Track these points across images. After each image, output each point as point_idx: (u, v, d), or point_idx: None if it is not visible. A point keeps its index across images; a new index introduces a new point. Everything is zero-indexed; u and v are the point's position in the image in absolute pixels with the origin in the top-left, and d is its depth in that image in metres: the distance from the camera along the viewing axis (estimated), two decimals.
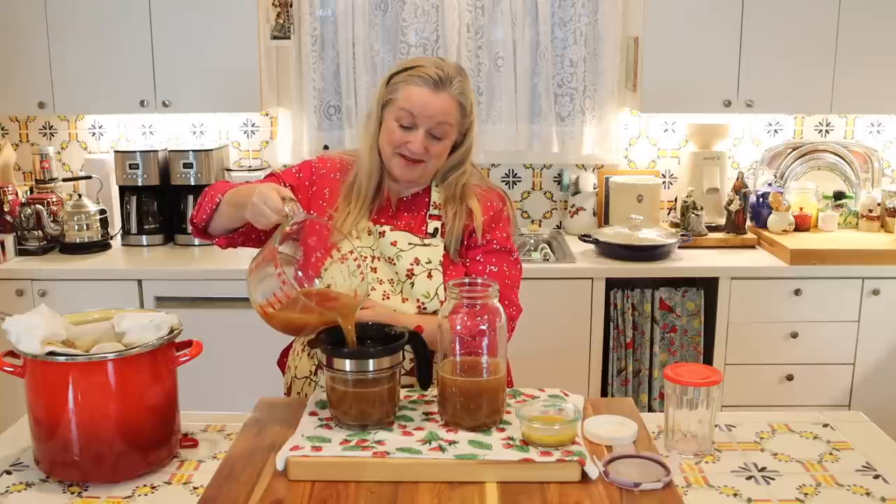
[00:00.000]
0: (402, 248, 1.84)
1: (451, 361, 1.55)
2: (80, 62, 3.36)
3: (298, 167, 1.96)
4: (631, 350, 3.27)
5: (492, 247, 1.89)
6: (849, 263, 3.16)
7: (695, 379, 1.54)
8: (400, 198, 1.92)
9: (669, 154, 3.76)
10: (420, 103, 1.77)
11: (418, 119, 1.78)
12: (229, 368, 3.04)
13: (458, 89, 1.81)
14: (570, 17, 3.57)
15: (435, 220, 1.88)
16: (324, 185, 1.93)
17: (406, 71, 1.81)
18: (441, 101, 1.78)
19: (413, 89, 1.78)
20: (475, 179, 1.94)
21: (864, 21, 3.26)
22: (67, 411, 1.44)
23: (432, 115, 1.78)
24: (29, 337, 1.44)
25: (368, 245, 1.85)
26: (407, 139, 1.79)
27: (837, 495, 1.44)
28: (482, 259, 1.88)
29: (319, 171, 1.94)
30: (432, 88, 1.78)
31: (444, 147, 1.83)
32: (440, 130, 1.80)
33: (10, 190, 3.47)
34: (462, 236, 1.88)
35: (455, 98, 1.80)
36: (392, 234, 1.85)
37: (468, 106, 1.83)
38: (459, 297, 1.55)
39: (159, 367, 1.52)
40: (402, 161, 1.82)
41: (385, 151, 1.84)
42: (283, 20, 3.54)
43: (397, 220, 1.89)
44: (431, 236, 1.87)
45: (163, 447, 1.54)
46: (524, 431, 1.49)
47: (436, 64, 1.81)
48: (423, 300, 1.82)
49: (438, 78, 1.78)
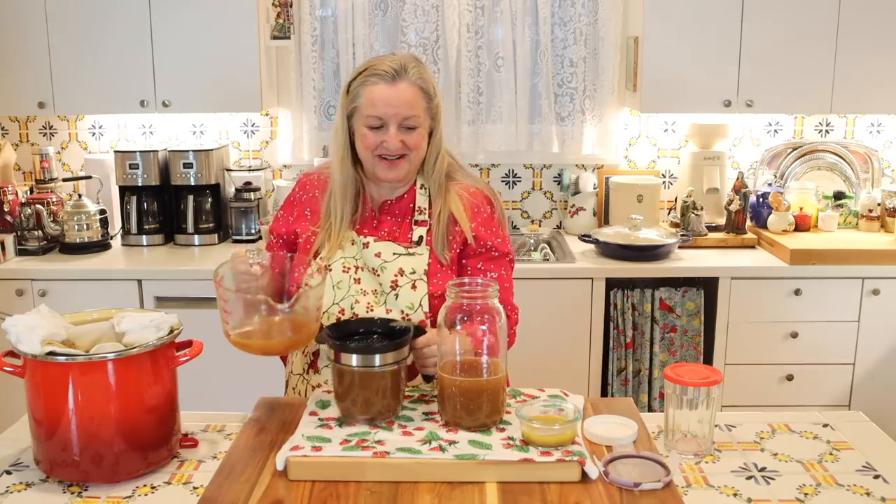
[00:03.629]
0: (387, 259, 1.82)
1: (451, 361, 1.55)
2: (80, 62, 3.36)
3: (282, 206, 1.98)
4: (631, 350, 3.27)
5: (491, 254, 1.88)
6: (849, 263, 3.16)
7: (695, 379, 1.54)
8: (384, 202, 1.90)
9: (669, 154, 3.76)
10: (383, 101, 1.77)
11: (385, 117, 1.78)
12: (229, 368, 3.04)
13: (416, 75, 1.79)
14: (570, 17, 3.57)
15: (420, 227, 1.87)
16: (305, 206, 1.93)
17: (361, 75, 1.81)
18: (401, 91, 1.77)
19: (372, 89, 1.77)
20: (459, 175, 1.92)
21: (865, 21, 3.26)
22: (67, 411, 1.44)
23: (397, 108, 1.77)
24: (29, 337, 1.44)
25: (352, 255, 1.84)
26: (381, 139, 1.79)
27: (837, 495, 1.44)
28: (482, 267, 1.87)
29: (299, 196, 1.95)
30: (390, 82, 1.77)
31: (420, 136, 1.82)
32: (411, 121, 1.79)
33: (10, 190, 3.47)
34: (452, 242, 1.86)
35: (415, 84, 1.79)
36: (376, 246, 1.83)
37: (430, 90, 1.82)
38: (459, 298, 1.55)
39: (159, 367, 1.52)
40: (384, 163, 1.81)
41: (366, 159, 1.83)
42: (283, 20, 3.54)
43: (381, 228, 1.88)
44: (416, 244, 1.85)
45: (163, 447, 1.53)
46: (524, 431, 1.49)
47: (388, 59, 1.80)
48: (406, 311, 1.80)
49: (394, 71, 1.77)
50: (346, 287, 1.82)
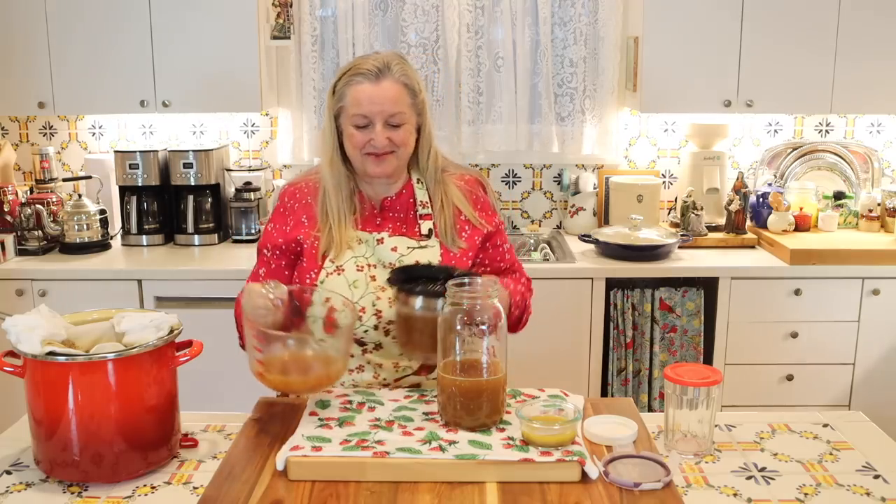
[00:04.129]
0: (403, 253, 1.84)
1: (452, 361, 1.55)
2: (80, 62, 3.36)
3: (270, 219, 1.97)
4: (631, 350, 3.27)
5: (501, 228, 1.97)
6: (849, 263, 3.16)
7: (695, 379, 1.54)
8: (383, 199, 1.91)
9: (669, 154, 3.76)
10: (367, 99, 1.78)
11: (371, 115, 1.79)
12: (229, 368, 3.03)
13: (399, 72, 1.81)
14: (570, 17, 3.57)
15: (426, 220, 1.88)
16: (299, 214, 1.91)
17: (345, 75, 1.82)
18: (385, 89, 1.79)
19: (356, 88, 1.79)
20: (451, 167, 1.97)
21: (865, 21, 3.26)
22: (67, 411, 1.44)
23: (382, 105, 1.78)
24: (29, 337, 1.44)
25: (363, 254, 1.85)
26: (368, 137, 1.80)
27: (837, 495, 1.44)
28: (500, 243, 1.96)
29: (290, 206, 1.93)
30: (373, 81, 1.78)
31: (406, 132, 1.83)
32: (396, 118, 1.80)
33: (10, 190, 3.47)
34: (461, 231, 1.90)
35: (399, 82, 1.80)
36: (391, 240, 1.85)
37: (415, 86, 1.84)
38: (460, 298, 1.55)
39: (159, 367, 1.52)
40: (372, 158, 1.82)
41: (355, 158, 1.84)
42: (283, 20, 3.54)
43: (385, 226, 1.89)
44: (426, 237, 1.87)
45: (163, 447, 1.54)
46: (524, 431, 1.49)
47: (371, 57, 1.82)
48: None
49: (377, 69, 1.79)
50: (364, 285, 1.82)
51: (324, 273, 1.83)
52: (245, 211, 3.56)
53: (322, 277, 1.83)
